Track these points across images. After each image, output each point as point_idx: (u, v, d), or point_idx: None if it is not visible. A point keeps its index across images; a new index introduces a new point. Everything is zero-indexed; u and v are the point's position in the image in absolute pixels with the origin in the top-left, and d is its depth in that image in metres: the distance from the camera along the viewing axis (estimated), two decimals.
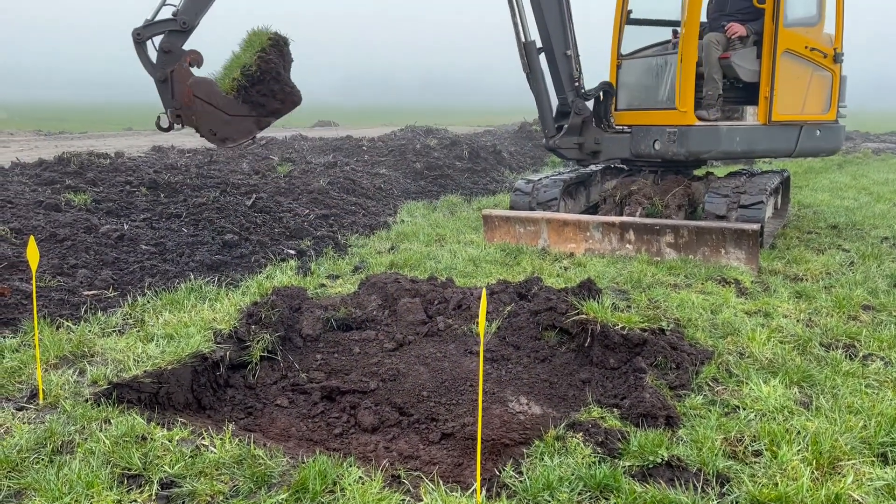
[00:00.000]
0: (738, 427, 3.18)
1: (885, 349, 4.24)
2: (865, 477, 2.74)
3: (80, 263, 5.53)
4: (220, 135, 6.70)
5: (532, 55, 8.06)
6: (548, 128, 8.34)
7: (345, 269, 6.22)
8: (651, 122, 7.91)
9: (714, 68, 7.59)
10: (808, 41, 7.85)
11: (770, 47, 7.54)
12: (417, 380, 3.93)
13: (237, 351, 4.14)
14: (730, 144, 7.57)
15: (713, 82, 7.62)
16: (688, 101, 7.45)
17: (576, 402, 3.74)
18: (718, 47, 7.61)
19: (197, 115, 6.54)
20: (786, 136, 7.91)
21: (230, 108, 6.63)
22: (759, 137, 7.75)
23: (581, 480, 2.70)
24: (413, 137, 16.01)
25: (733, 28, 7.60)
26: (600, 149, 8.25)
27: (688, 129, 7.42)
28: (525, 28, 8.02)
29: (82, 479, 2.61)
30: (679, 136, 7.43)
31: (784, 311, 4.99)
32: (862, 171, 14.73)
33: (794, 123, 7.91)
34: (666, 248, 6.62)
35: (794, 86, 7.85)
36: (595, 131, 8.23)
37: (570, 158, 8.53)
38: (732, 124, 7.68)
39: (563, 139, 8.20)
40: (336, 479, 2.70)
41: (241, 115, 6.68)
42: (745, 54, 7.68)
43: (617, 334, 4.05)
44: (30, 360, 3.75)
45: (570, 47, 7.97)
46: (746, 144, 7.70)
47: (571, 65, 8.00)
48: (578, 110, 8.12)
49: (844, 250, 7.03)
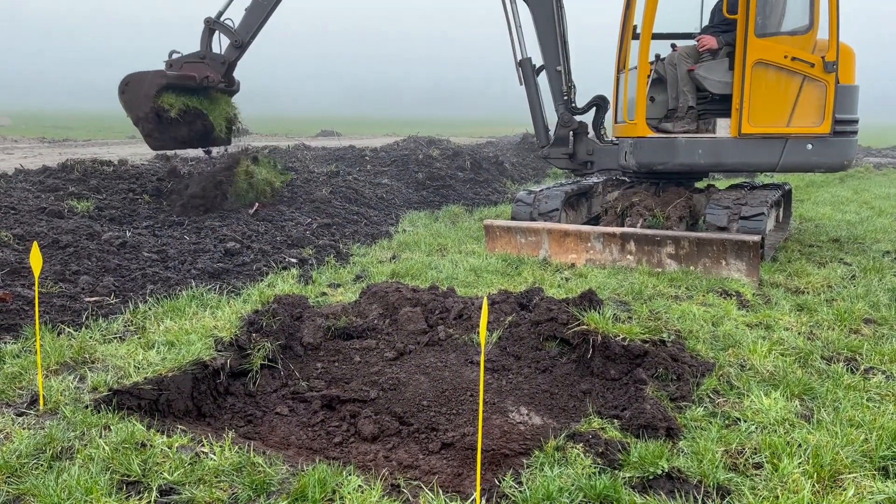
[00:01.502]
0: (738, 439, 3.16)
1: (887, 363, 4.23)
2: (866, 490, 2.72)
3: (82, 270, 5.54)
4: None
5: (526, 70, 8.57)
6: (540, 138, 8.78)
7: (346, 277, 6.23)
8: (624, 134, 8.19)
9: (683, 81, 7.71)
10: (789, 51, 7.50)
11: (740, 58, 7.43)
12: (418, 389, 3.93)
13: (238, 359, 4.14)
14: (690, 157, 7.53)
15: (683, 95, 7.72)
16: (640, 113, 7.64)
17: (576, 413, 3.73)
18: (688, 60, 7.71)
19: None
20: (765, 150, 7.60)
21: None
22: (727, 150, 7.55)
23: (581, 491, 2.69)
24: (415, 147, 16.06)
25: (703, 40, 7.68)
26: (593, 159, 8.56)
27: (640, 140, 7.59)
28: (522, 45, 8.55)
29: (81, 485, 2.61)
30: (633, 147, 7.63)
31: (785, 323, 4.98)
32: (864, 185, 14.74)
33: (776, 137, 7.58)
34: (667, 259, 6.63)
35: (776, 97, 7.53)
36: (589, 142, 8.55)
37: (560, 167, 8.98)
38: (693, 137, 7.61)
39: (552, 149, 8.64)
40: (335, 487, 2.69)
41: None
42: (714, 66, 7.69)
43: (618, 345, 4.05)
44: (30, 366, 3.76)
45: (562, 63, 8.37)
46: (713, 157, 7.57)
47: (561, 80, 8.42)
48: (565, 122, 8.53)
49: (846, 264, 7.02)
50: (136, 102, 8.08)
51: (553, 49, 8.32)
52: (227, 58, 8.62)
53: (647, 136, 7.60)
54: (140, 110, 8.09)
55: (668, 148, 7.55)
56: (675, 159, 7.57)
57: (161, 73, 8.23)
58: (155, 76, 8.14)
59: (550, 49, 8.33)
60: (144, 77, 8.12)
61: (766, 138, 7.61)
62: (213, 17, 8.68)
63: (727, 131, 7.63)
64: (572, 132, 8.58)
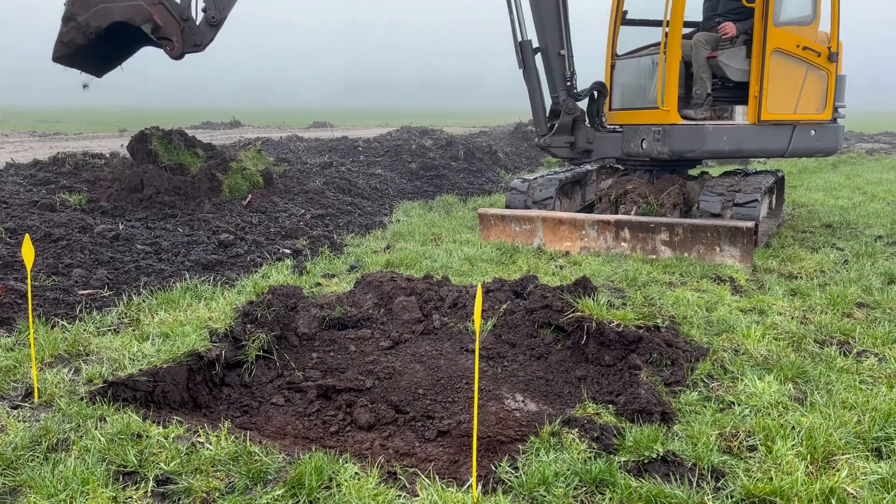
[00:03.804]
0: (733, 423, 3.18)
1: (880, 346, 4.26)
2: (860, 471, 2.75)
3: (75, 263, 5.51)
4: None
5: (527, 53, 8.08)
6: (540, 126, 8.39)
7: (340, 268, 6.22)
8: (639, 121, 7.97)
9: (702, 68, 7.62)
10: (800, 40, 7.81)
11: (759, 46, 7.53)
12: (413, 378, 3.93)
13: (233, 350, 4.14)
14: (716, 144, 7.57)
15: (701, 81, 7.65)
16: (671, 100, 7.50)
17: (571, 399, 3.75)
18: (707, 47, 7.65)
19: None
20: (778, 136, 7.86)
21: None
22: (748, 137, 7.73)
23: (576, 475, 2.71)
24: (409, 138, 16.02)
25: (725, 27, 7.61)
26: (592, 148, 8.28)
27: (671, 127, 7.47)
28: (522, 27, 8.05)
29: (77, 476, 2.61)
30: (663, 134, 7.47)
31: (779, 308, 5.01)
32: (856, 170, 14.79)
33: (787, 123, 7.89)
34: (661, 246, 6.64)
35: (787, 85, 7.82)
36: (587, 130, 8.25)
37: (561, 157, 8.57)
38: (719, 123, 7.67)
39: (553, 137, 8.25)
40: (332, 475, 2.69)
41: None
42: (734, 54, 7.70)
43: (612, 331, 4.06)
44: (24, 359, 3.74)
45: (565, 47, 7.99)
46: (735, 144, 7.68)
47: (564, 64, 8.02)
48: (569, 110, 8.15)
49: (839, 249, 7.05)
50: (103, 12, 6.95)
51: (556, 31, 7.94)
52: (202, 41, 7.54)
53: (679, 123, 7.49)
54: (97, 19, 7.04)
55: (698, 135, 7.51)
56: (704, 146, 7.56)
57: (140, 10, 7.04)
58: (131, 11, 7.02)
59: (553, 31, 7.93)
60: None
61: (778, 125, 7.82)
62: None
63: (744, 118, 7.76)
64: (573, 120, 8.25)
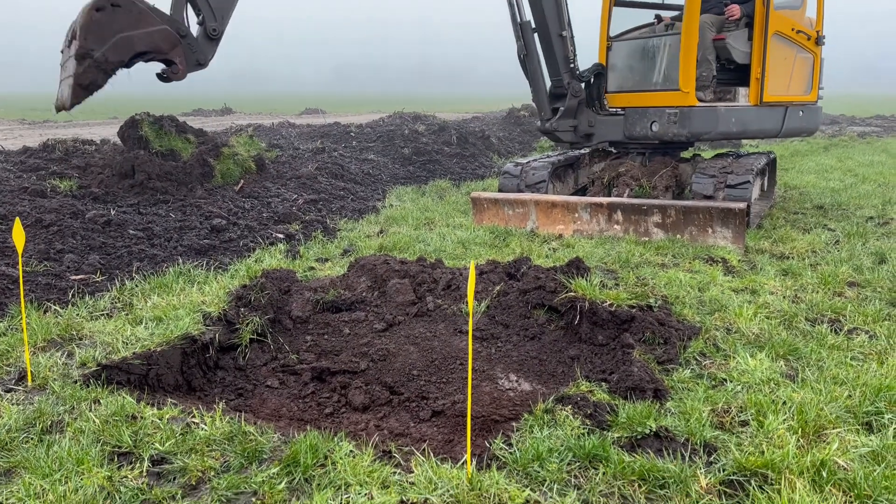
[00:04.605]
0: (725, 399, 3.21)
1: (870, 323, 4.29)
2: (850, 444, 2.77)
3: (66, 248, 5.49)
4: None
5: (528, 36, 7.87)
6: (544, 110, 8.18)
7: (334, 252, 6.22)
8: (647, 103, 7.84)
9: (708, 50, 7.59)
10: (794, 24, 7.94)
11: (761, 29, 7.57)
12: (407, 359, 3.94)
13: (227, 333, 4.13)
14: (727, 125, 7.61)
15: (707, 63, 7.62)
16: (689, 82, 7.42)
17: (565, 379, 3.77)
18: (712, 29, 7.63)
19: None
20: (773, 117, 7.99)
21: None
22: (751, 118, 7.80)
23: (570, 451, 2.72)
24: (401, 123, 15.96)
25: (732, 9, 7.61)
26: (593, 131, 8.17)
27: (690, 109, 7.41)
28: (521, 8, 7.85)
29: (72, 456, 2.61)
30: (681, 116, 7.40)
31: (770, 288, 5.03)
32: (847, 153, 14.82)
33: (781, 104, 8.01)
34: (654, 228, 6.65)
35: (783, 67, 7.92)
36: (588, 114, 8.13)
37: (566, 141, 8.38)
38: (729, 105, 7.71)
39: (559, 122, 8.04)
40: (327, 453, 2.71)
41: None
42: (739, 36, 7.73)
43: (605, 311, 4.08)
44: (17, 344, 3.74)
45: (566, 28, 7.82)
46: (741, 125, 7.74)
47: (566, 45, 7.86)
48: (575, 92, 7.98)
49: (830, 230, 7.09)
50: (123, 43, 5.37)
51: (556, 11, 7.74)
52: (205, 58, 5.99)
53: (696, 105, 7.46)
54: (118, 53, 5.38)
55: (712, 117, 7.50)
56: (717, 128, 7.56)
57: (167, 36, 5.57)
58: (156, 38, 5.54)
59: (553, 12, 7.73)
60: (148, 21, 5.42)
61: (774, 106, 7.94)
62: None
63: (745, 100, 7.82)
64: (578, 102, 8.08)
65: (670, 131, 7.45)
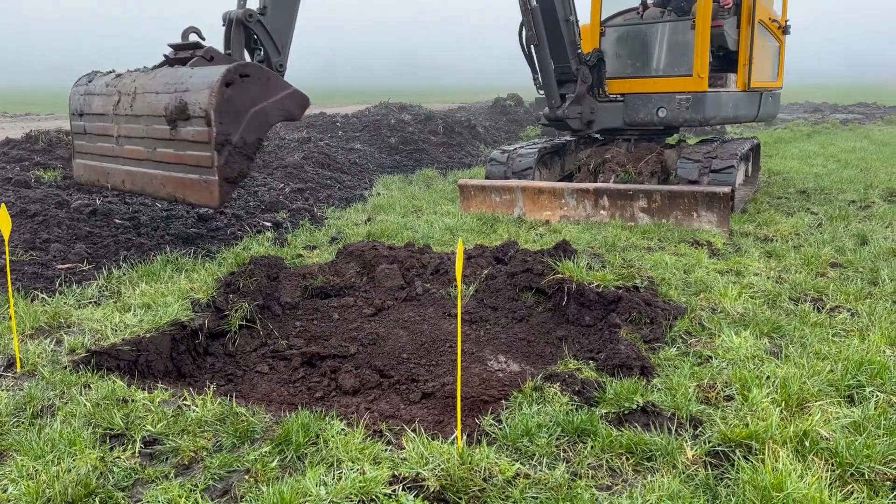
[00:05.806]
0: (710, 375, 3.26)
1: (852, 301, 4.36)
2: (832, 416, 2.83)
3: (52, 238, 5.46)
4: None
5: (537, 20, 7.62)
6: (554, 98, 8.00)
7: (322, 239, 6.22)
8: (654, 89, 7.79)
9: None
10: (769, 13, 8.19)
11: (749, 16, 7.72)
12: (397, 343, 3.97)
13: (216, 320, 4.14)
14: (727, 110, 7.79)
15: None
16: (704, 68, 7.43)
17: (553, 359, 3.80)
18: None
19: None
20: (753, 103, 8.22)
21: None
22: (740, 103, 8.01)
23: (559, 426, 2.77)
24: (387, 113, 15.92)
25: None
26: (594, 118, 8.13)
27: (703, 95, 7.47)
28: None
29: (64, 438, 2.62)
30: (693, 102, 7.43)
31: (755, 269, 5.10)
32: (830, 139, 14.97)
33: (759, 90, 8.26)
34: (639, 213, 6.71)
35: (763, 55, 8.15)
36: (590, 100, 8.07)
37: (575, 129, 8.26)
38: (729, 91, 7.86)
39: (570, 108, 7.92)
40: (319, 431, 2.73)
41: None
42: (732, 23, 7.86)
43: (592, 292, 4.12)
44: (5, 331, 3.73)
45: (572, 12, 7.73)
46: (734, 110, 7.93)
47: (574, 31, 7.76)
48: (584, 78, 7.87)
49: (813, 213, 7.17)
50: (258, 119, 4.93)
51: None
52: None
53: (709, 91, 7.51)
54: (255, 132, 4.91)
55: (719, 102, 7.63)
56: (721, 112, 7.66)
57: (299, 100, 5.23)
58: (288, 105, 5.14)
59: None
60: (277, 86, 5.05)
61: (753, 92, 8.15)
62: (251, 9, 5.43)
63: (735, 86, 7.96)
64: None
65: (682, 116, 7.46)
